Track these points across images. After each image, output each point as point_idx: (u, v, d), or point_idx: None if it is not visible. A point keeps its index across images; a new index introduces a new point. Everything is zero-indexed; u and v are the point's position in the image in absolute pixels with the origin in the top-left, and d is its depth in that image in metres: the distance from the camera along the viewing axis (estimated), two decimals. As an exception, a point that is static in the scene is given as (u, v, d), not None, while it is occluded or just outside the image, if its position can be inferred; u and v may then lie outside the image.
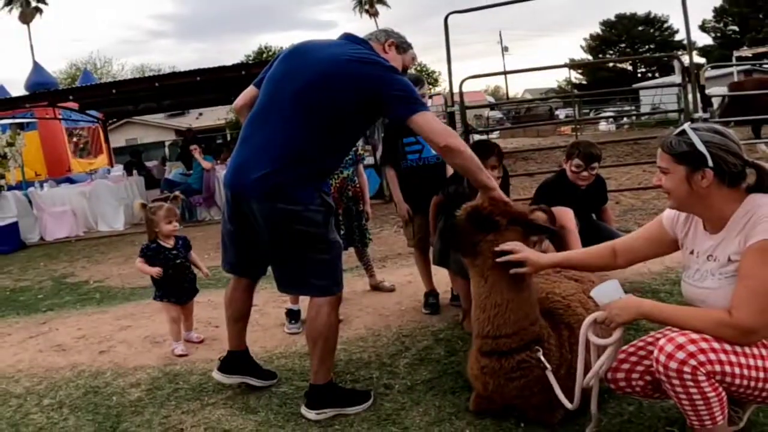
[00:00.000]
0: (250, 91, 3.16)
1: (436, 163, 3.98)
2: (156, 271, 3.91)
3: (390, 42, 3.07)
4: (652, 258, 2.56)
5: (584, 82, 48.15)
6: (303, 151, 2.78)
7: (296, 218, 2.79)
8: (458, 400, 2.99)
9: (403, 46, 3.12)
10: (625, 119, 24.79)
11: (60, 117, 15.10)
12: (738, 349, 1.98)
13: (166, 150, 21.28)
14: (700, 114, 6.45)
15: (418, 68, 55.65)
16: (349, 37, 3.02)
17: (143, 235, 4.09)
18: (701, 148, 2.04)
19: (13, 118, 13.56)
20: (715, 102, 20.58)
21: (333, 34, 3.48)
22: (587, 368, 2.33)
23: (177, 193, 4.57)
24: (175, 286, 4.01)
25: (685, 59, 7.37)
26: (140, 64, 55.09)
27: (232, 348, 3.36)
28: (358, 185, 4.67)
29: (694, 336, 1.98)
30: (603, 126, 23.56)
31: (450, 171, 3.79)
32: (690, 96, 6.87)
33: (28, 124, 14.61)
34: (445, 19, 7.46)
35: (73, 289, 6.69)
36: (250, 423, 3.04)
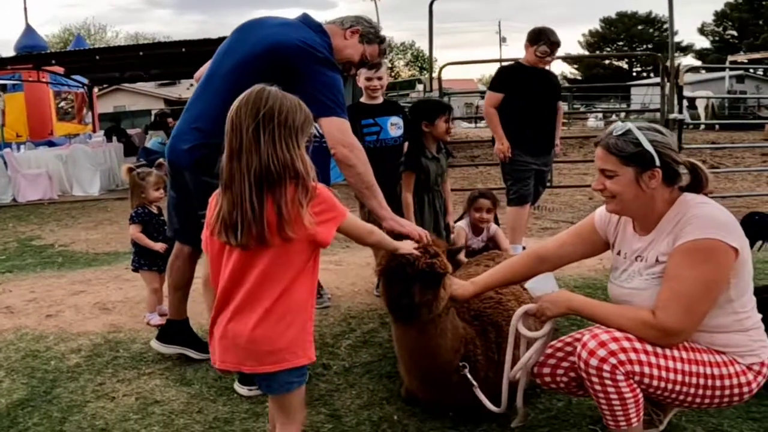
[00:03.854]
0: (209, 63, 3.14)
1: (394, 144, 3.95)
2: (161, 246, 3.81)
3: (354, 29, 3.03)
4: (579, 260, 2.54)
5: (579, 78, 48.08)
6: None
7: None
8: (393, 384, 2.98)
9: (368, 36, 3.07)
10: (613, 116, 24.79)
11: (46, 81, 14.91)
12: (659, 350, 1.96)
13: (152, 119, 21.05)
14: (675, 115, 6.44)
15: (415, 54, 55.62)
16: (304, 20, 2.98)
17: (117, 202, 4.08)
18: (649, 147, 2.00)
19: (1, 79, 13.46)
20: (700, 104, 20.75)
21: (332, 15, 3.49)
22: (516, 361, 2.32)
23: (161, 160, 4.49)
24: (162, 254, 3.91)
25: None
26: (135, 32, 54.50)
27: (171, 317, 3.35)
28: None
29: (618, 334, 1.97)
30: (592, 122, 23.58)
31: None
32: (673, 97, 6.85)
33: (14, 85, 14.47)
34: (430, 5, 7.41)
35: (37, 252, 6.63)
36: (183, 395, 3.02)
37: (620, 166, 2.03)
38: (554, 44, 4.54)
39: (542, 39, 4.46)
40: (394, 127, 3.71)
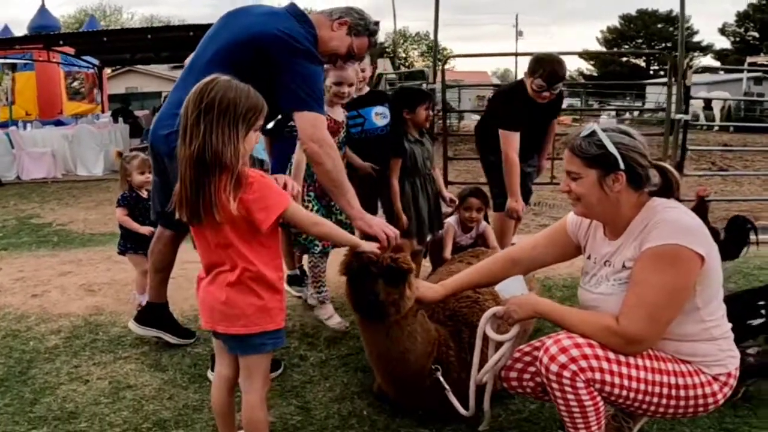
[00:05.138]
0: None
1: (380, 134, 3.88)
2: (147, 230, 3.75)
3: (342, 21, 2.95)
4: (552, 264, 2.48)
5: (595, 74, 47.64)
6: None
7: None
8: (367, 379, 2.95)
9: (357, 28, 2.98)
10: (627, 114, 24.55)
11: (56, 61, 14.96)
12: (623, 358, 1.90)
13: (162, 101, 21.08)
14: (681, 116, 6.31)
15: (430, 44, 55.27)
16: (290, 9, 2.92)
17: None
18: (612, 150, 1.93)
19: (10, 58, 13.50)
20: (716, 106, 20.48)
21: (350, 1, 3.42)
22: (483, 363, 2.27)
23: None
24: (149, 238, 3.88)
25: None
26: (150, 14, 54.58)
27: (150, 299, 3.32)
28: None
29: (580, 341, 1.91)
30: (604, 119, 23.33)
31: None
32: (679, 97, 6.73)
33: (25, 64, 14.55)
34: (437, -2, 7.30)
35: (34, 231, 6.64)
36: (156, 381, 3.01)
37: (584, 168, 1.98)
38: (552, 77, 3.78)
39: (538, 71, 3.79)
40: (379, 116, 3.64)
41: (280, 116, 3.38)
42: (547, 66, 3.76)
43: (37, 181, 10.23)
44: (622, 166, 1.92)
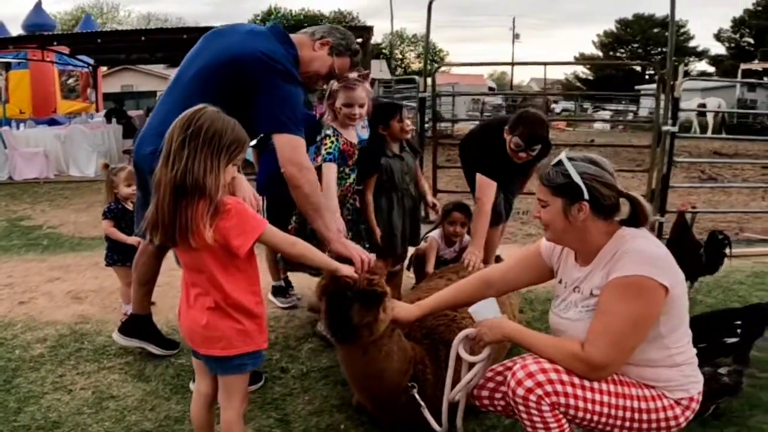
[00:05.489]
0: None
1: (364, 147, 3.90)
2: (135, 240, 3.73)
3: (324, 41, 2.98)
4: (526, 286, 2.53)
5: (590, 78, 47.76)
6: None
7: None
8: (346, 392, 2.99)
9: (339, 48, 3.02)
10: (620, 118, 24.65)
11: (50, 60, 14.96)
12: (587, 383, 1.95)
13: (157, 100, 21.08)
14: (668, 128, 6.36)
15: (425, 47, 55.21)
16: (272, 29, 2.95)
17: None
18: (577, 179, 1.99)
19: (4, 57, 13.51)
20: (710, 115, 20.56)
21: (349, 1, 3.42)
22: (456, 383, 2.32)
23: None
24: (136, 249, 3.89)
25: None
26: (147, 12, 54.51)
27: (134, 311, 3.36)
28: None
29: (547, 365, 1.97)
30: (598, 124, 23.42)
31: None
32: (667, 108, 6.77)
33: (19, 63, 14.55)
34: (429, 5, 7.33)
35: (24, 233, 6.65)
36: (138, 391, 3.05)
37: (551, 197, 2.04)
38: (531, 138, 3.56)
39: (518, 128, 3.58)
40: (365, 129, 3.67)
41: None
42: (527, 126, 3.57)
43: (29, 181, 10.22)
44: (586, 195, 1.97)
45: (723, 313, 3.48)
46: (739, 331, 3.10)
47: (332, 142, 3.29)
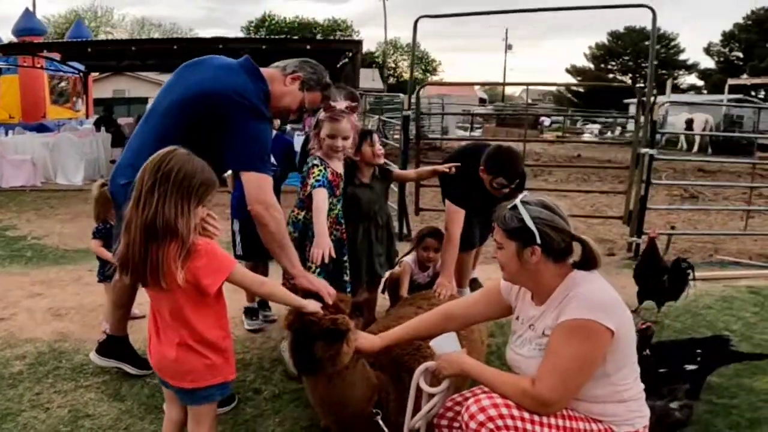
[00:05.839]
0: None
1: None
2: None
3: (295, 75, 3.03)
4: (487, 321, 2.63)
5: (581, 90, 48.09)
6: None
7: None
8: (316, 414, 3.05)
9: (309, 83, 3.07)
10: (609, 133, 24.86)
11: (39, 66, 14.99)
12: (536, 418, 2.04)
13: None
14: (647, 150, 6.49)
15: (420, 55, 55.73)
16: (244, 64, 2.99)
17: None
18: (530, 224, 2.08)
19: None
20: (697, 128, 20.77)
21: (343, 9, 3.45)
22: (417, 412, 2.41)
23: None
24: None
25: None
26: (141, 17, 54.50)
27: (111, 332, 3.44)
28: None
29: (498, 400, 2.06)
30: (587, 137, 23.62)
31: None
32: (644, 130, 6.88)
33: (8, 68, 14.58)
34: (415, 23, 7.46)
35: (9, 244, 6.69)
36: (114, 410, 3.13)
37: (506, 240, 2.14)
38: (514, 176, 3.72)
39: (498, 172, 3.70)
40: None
41: None
42: (507, 168, 3.71)
43: (16, 189, 10.23)
44: (538, 240, 2.07)
45: (686, 341, 3.61)
46: (699, 359, 3.22)
47: (320, 171, 3.30)
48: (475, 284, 4.64)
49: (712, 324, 4.41)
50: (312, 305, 2.39)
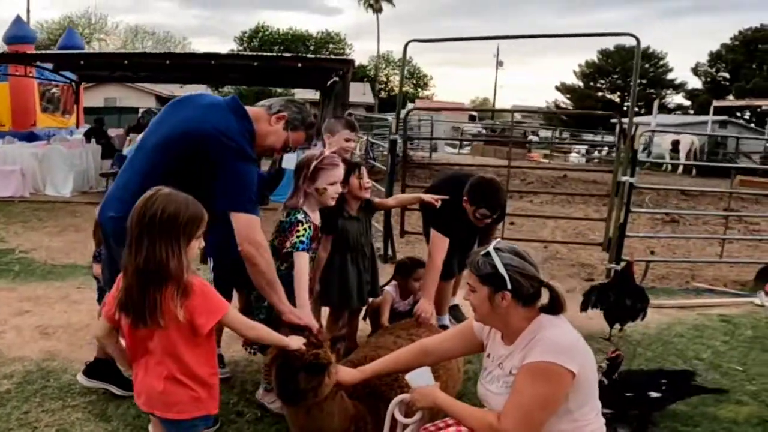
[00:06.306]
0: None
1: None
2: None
3: (280, 115, 3.08)
4: (461, 356, 2.78)
5: (570, 108, 48.60)
6: None
7: None
8: (297, 438, 3.17)
9: (294, 123, 3.11)
10: (596, 153, 25.15)
11: (31, 75, 15.06)
12: None
13: (138, 117, 21.06)
14: (627, 178, 6.64)
15: (411, 70, 56.14)
16: (230, 103, 3.04)
17: (88, 206, 4.18)
18: (502, 271, 2.22)
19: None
20: (684, 148, 21.10)
21: (337, 21, 3.43)
22: None
23: None
24: None
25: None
26: (135, 24, 54.54)
27: (98, 356, 3.53)
28: None
29: None
30: (574, 156, 23.90)
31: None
32: (625, 159, 7.05)
33: (-1, 76, 14.68)
34: (405, 46, 7.62)
35: (-4, 258, 6.74)
36: (100, 430, 3.24)
37: (478, 284, 2.28)
38: (496, 207, 3.87)
39: (480, 203, 3.83)
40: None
41: None
42: (490, 200, 3.84)
43: (5, 199, 10.24)
44: (509, 286, 2.21)
45: (654, 371, 3.79)
46: (663, 388, 3.40)
47: (305, 230, 3.20)
48: (456, 311, 4.77)
49: (682, 352, 4.56)
50: (295, 342, 2.52)
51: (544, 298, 2.31)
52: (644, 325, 4.90)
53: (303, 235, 3.18)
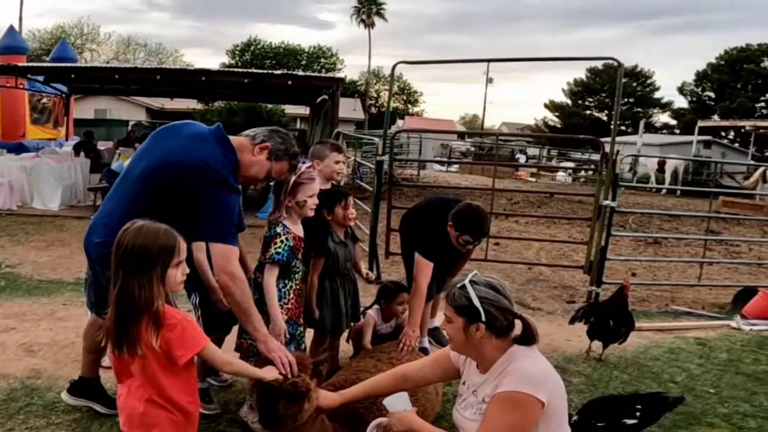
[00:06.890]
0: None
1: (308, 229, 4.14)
2: None
3: (263, 146, 3.11)
4: (438, 382, 2.87)
5: (558, 125, 49.05)
6: None
7: None
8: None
9: (277, 153, 3.14)
10: (582, 172, 25.41)
11: (22, 86, 15.09)
12: None
13: (128, 130, 21.13)
14: (608, 202, 6.76)
15: (402, 86, 56.40)
16: (214, 133, 3.09)
17: (75, 221, 4.21)
18: (477, 304, 2.32)
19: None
20: (668, 169, 21.38)
21: (329, 35, 3.46)
22: None
23: None
24: None
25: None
26: (127, 35, 54.52)
27: (83, 374, 3.59)
28: None
29: None
30: (561, 176, 24.14)
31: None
32: (606, 184, 7.18)
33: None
34: (393, 68, 7.77)
35: (-18, 272, 6.75)
36: (84, 450, 3.26)
37: (454, 315, 2.38)
38: (480, 235, 4.00)
39: (465, 230, 3.91)
40: None
41: None
42: (475, 228, 3.92)
43: (-8, 212, 10.28)
44: (483, 318, 2.31)
45: (628, 396, 3.87)
46: (638, 414, 3.47)
47: (282, 242, 3.32)
48: (437, 333, 4.85)
49: (657, 376, 4.66)
50: (270, 374, 2.64)
51: (518, 329, 2.41)
52: (621, 348, 4.99)
53: (280, 247, 3.31)
